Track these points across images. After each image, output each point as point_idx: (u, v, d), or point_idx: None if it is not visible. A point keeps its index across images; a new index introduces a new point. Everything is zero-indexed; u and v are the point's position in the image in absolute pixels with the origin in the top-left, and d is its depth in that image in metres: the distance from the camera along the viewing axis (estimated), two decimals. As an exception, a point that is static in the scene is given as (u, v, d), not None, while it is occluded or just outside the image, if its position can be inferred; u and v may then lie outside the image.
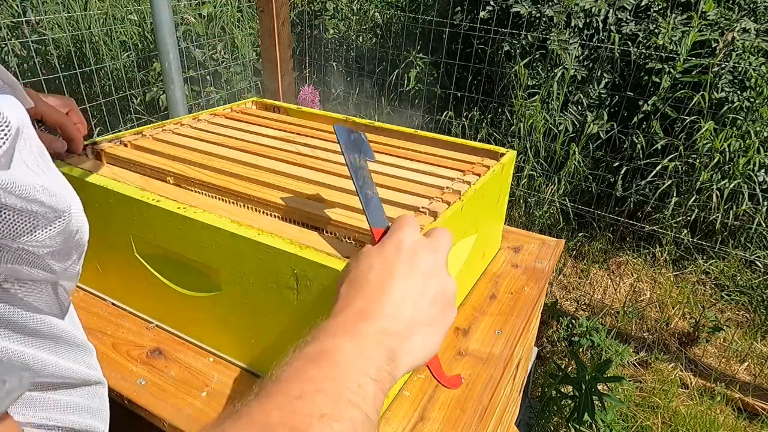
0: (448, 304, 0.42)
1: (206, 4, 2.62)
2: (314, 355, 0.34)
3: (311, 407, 0.30)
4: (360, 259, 0.43)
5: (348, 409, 0.31)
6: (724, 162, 2.15)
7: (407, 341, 0.38)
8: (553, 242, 0.95)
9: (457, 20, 2.62)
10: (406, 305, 0.39)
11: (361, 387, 0.33)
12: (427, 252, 0.43)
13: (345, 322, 0.37)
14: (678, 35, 2.20)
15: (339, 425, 0.30)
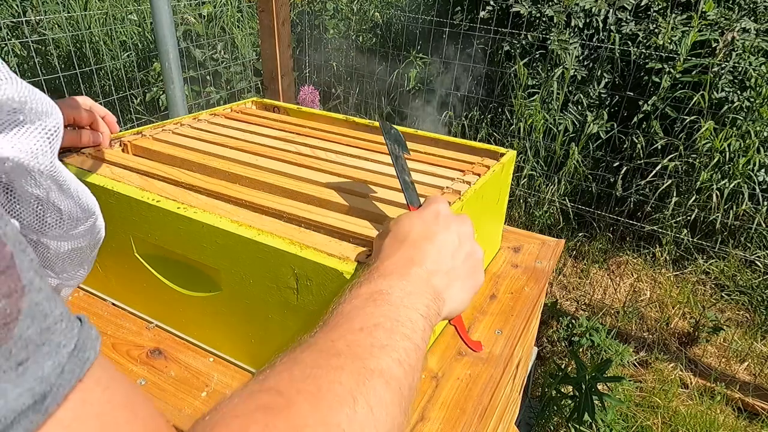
0: (478, 265, 0.48)
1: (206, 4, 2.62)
2: (371, 293, 0.38)
3: (372, 339, 0.34)
4: (401, 221, 0.48)
5: (402, 340, 0.35)
6: (724, 162, 2.15)
7: (449, 287, 0.44)
8: (553, 242, 0.95)
9: (457, 20, 2.62)
10: (446, 257, 0.45)
11: (412, 321, 0.37)
12: (459, 220, 0.49)
13: (396, 265, 0.42)
14: (678, 35, 2.20)
15: (395, 354, 0.34)
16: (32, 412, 0.17)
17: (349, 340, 0.34)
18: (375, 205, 0.64)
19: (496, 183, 0.78)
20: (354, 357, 0.33)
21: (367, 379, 0.32)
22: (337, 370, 0.32)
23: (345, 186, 0.69)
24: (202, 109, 0.93)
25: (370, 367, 0.33)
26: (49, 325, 0.19)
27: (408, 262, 0.43)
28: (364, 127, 0.94)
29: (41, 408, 0.17)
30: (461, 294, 0.45)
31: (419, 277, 0.41)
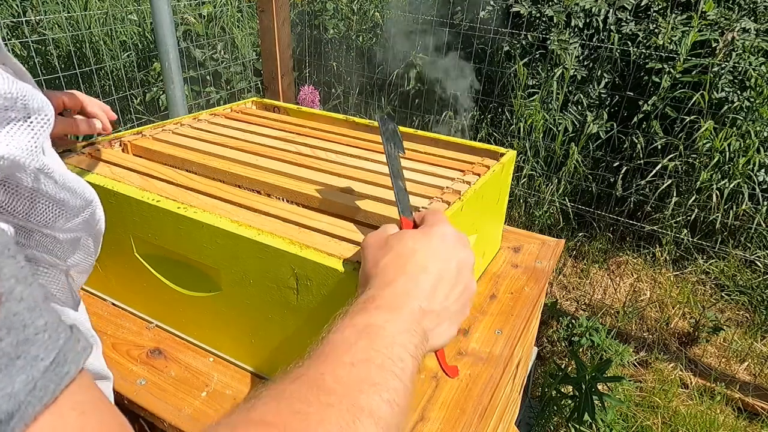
0: (468, 302, 0.46)
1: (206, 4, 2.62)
2: (364, 326, 0.37)
3: (363, 374, 0.33)
4: (405, 239, 0.45)
5: (393, 379, 0.34)
6: (724, 162, 2.15)
7: (438, 325, 0.42)
8: (553, 242, 0.95)
9: (457, 20, 2.62)
10: (442, 292, 0.43)
11: (402, 360, 0.36)
12: (463, 249, 0.46)
13: (393, 297, 0.40)
14: (678, 35, 2.20)
15: (386, 394, 0.33)
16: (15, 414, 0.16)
17: (338, 375, 0.33)
18: (374, 206, 0.64)
19: (496, 183, 0.78)
20: (343, 395, 0.32)
21: (357, 419, 0.31)
22: (327, 408, 0.31)
23: (345, 187, 0.69)
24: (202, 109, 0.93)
25: (360, 404, 0.32)
26: (28, 336, 0.18)
27: (404, 296, 0.41)
28: (364, 127, 0.94)
29: (6, 429, 0.16)
30: (447, 332, 0.44)
31: (413, 315, 0.40)
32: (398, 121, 2.88)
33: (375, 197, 0.66)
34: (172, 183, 0.67)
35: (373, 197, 0.66)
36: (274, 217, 0.60)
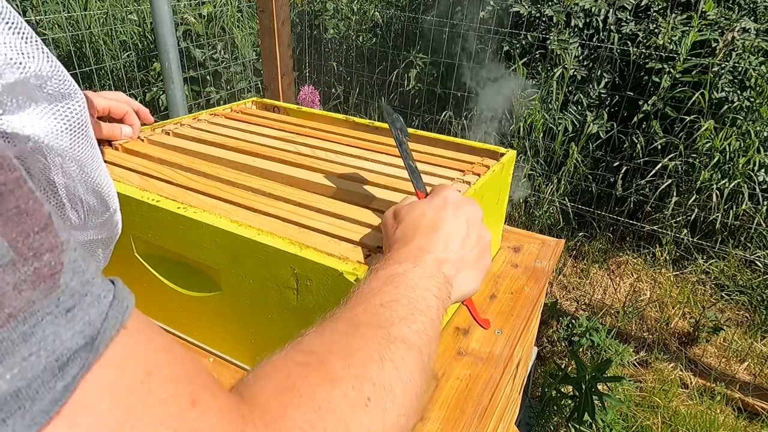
0: (485, 250, 0.50)
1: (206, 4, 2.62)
2: (388, 276, 0.42)
3: (392, 312, 0.38)
4: (413, 208, 0.50)
5: (419, 314, 0.39)
6: (724, 161, 2.15)
7: (459, 272, 0.47)
8: (553, 242, 0.95)
9: (457, 20, 2.62)
10: (455, 244, 0.47)
11: (427, 300, 0.40)
12: (468, 206, 0.51)
13: (409, 253, 0.45)
14: (678, 35, 2.20)
15: (414, 326, 0.37)
16: (84, 351, 0.18)
17: (371, 313, 0.37)
18: (375, 206, 0.64)
19: (496, 183, 0.78)
20: (377, 326, 0.36)
21: (392, 344, 0.35)
22: (364, 335, 0.35)
23: (345, 186, 0.69)
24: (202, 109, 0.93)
25: (393, 334, 0.36)
26: (88, 279, 0.20)
27: (419, 250, 0.45)
28: (364, 127, 0.93)
29: (92, 347, 0.19)
30: (470, 280, 0.48)
31: (430, 263, 0.44)
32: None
33: (376, 198, 0.66)
34: (172, 183, 0.67)
35: (374, 198, 0.66)
36: (274, 217, 0.60)
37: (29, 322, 0.17)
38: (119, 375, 0.19)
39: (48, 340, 0.17)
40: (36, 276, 0.18)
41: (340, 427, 0.28)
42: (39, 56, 0.27)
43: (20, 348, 0.17)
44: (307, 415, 0.27)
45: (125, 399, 0.19)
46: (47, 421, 0.17)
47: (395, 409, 0.32)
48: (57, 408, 0.17)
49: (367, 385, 0.31)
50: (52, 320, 0.18)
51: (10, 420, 0.16)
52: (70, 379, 0.18)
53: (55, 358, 0.17)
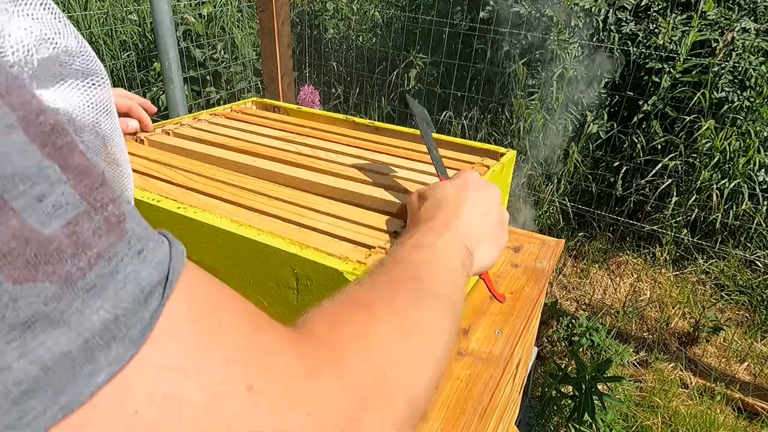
0: (503, 227, 0.55)
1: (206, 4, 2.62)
2: (416, 245, 0.45)
3: (423, 271, 0.41)
4: (436, 189, 0.55)
5: (447, 274, 0.43)
6: (724, 161, 2.15)
7: (477, 247, 0.50)
8: (553, 242, 0.95)
9: (457, 20, 2.62)
10: (475, 221, 0.51)
11: (452, 264, 0.44)
12: (488, 187, 0.55)
13: (433, 227, 0.48)
14: (678, 35, 2.20)
15: (444, 283, 0.41)
16: (160, 286, 0.21)
17: (403, 273, 0.41)
18: (375, 206, 0.64)
19: (496, 183, 0.78)
20: (411, 281, 0.40)
21: (425, 295, 0.38)
22: (401, 287, 0.39)
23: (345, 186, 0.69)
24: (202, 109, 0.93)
25: (426, 288, 0.39)
26: (145, 227, 0.22)
27: (443, 224, 0.49)
28: (364, 127, 0.93)
29: (167, 282, 0.21)
30: (489, 253, 0.52)
31: (453, 236, 0.48)
32: (398, 122, 2.88)
33: (377, 197, 0.66)
34: (172, 183, 0.67)
35: (375, 197, 0.66)
36: (274, 217, 0.60)
37: (113, 261, 0.19)
38: (191, 307, 0.22)
39: (130, 276, 0.19)
40: (107, 223, 0.19)
41: (388, 355, 0.31)
42: (68, 33, 0.28)
43: (111, 283, 0.19)
44: (359, 344, 0.30)
45: (200, 326, 0.22)
46: (142, 343, 0.19)
47: (432, 347, 0.35)
48: (147, 334, 0.19)
49: (408, 324, 0.34)
50: (129, 260, 0.20)
51: (113, 343, 0.18)
52: (153, 309, 0.20)
53: (140, 291, 0.20)
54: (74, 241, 0.18)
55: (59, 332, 0.17)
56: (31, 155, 0.17)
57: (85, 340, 0.18)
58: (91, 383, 0.18)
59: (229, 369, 0.22)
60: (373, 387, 0.29)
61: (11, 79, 0.18)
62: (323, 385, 0.26)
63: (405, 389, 0.31)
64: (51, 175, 0.18)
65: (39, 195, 0.17)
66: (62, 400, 0.17)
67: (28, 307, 0.16)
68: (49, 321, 0.17)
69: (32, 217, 0.17)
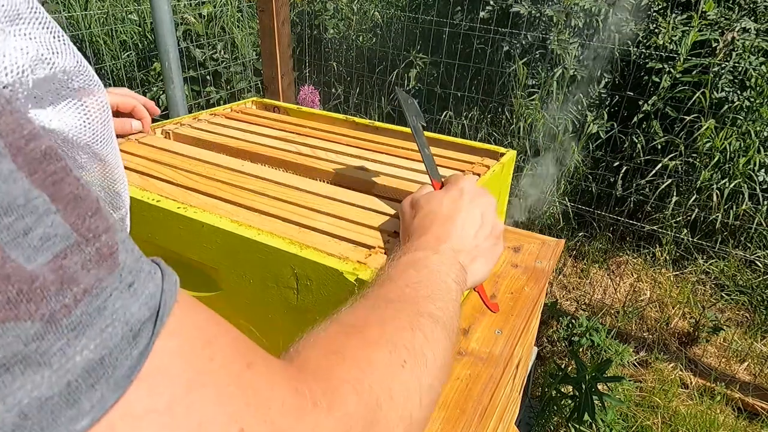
0: (498, 240, 0.54)
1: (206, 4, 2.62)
2: (410, 262, 0.45)
3: (417, 292, 0.41)
4: (430, 200, 0.53)
5: (441, 294, 0.42)
6: (725, 161, 2.15)
7: (473, 261, 0.50)
8: (553, 242, 0.95)
9: (457, 20, 2.62)
10: (469, 236, 0.50)
11: (446, 283, 0.44)
12: (482, 197, 0.54)
13: (427, 243, 0.48)
14: (678, 35, 2.20)
15: (439, 303, 0.41)
16: (150, 322, 0.20)
17: (398, 292, 0.41)
18: (375, 206, 0.64)
19: (496, 183, 0.78)
20: (405, 302, 0.40)
21: (420, 317, 0.38)
22: (395, 309, 0.39)
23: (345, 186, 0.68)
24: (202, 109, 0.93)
25: (420, 310, 0.39)
26: (137, 256, 0.21)
27: (437, 240, 0.48)
28: (364, 127, 0.93)
29: (157, 318, 0.20)
30: (483, 268, 0.51)
31: (447, 252, 0.47)
32: (397, 122, 2.88)
33: (377, 197, 0.66)
34: (172, 183, 0.67)
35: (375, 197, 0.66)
36: (274, 217, 0.60)
37: (101, 297, 0.19)
38: (182, 343, 0.21)
39: (119, 312, 0.19)
40: (98, 255, 0.19)
41: (382, 383, 0.31)
42: (66, 52, 0.28)
43: (98, 320, 0.18)
44: (353, 373, 0.30)
45: (191, 363, 0.21)
46: (128, 385, 0.19)
47: (428, 372, 0.35)
48: (135, 373, 0.19)
49: (402, 350, 0.34)
50: (119, 295, 0.19)
51: (98, 385, 0.18)
52: (142, 347, 0.19)
53: (129, 329, 0.19)
54: (60, 276, 0.17)
55: (40, 375, 0.16)
56: (18, 184, 0.17)
57: (68, 383, 0.17)
58: (73, 429, 0.17)
59: (220, 409, 0.21)
60: (368, 418, 0.28)
61: (4, 103, 0.18)
62: (316, 421, 0.25)
63: (400, 416, 0.31)
64: (39, 205, 0.17)
65: (25, 228, 0.17)
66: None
67: (8, 348, 0.16)
68: (29, 363, 0.16)
69: (16, 251, 0.16)
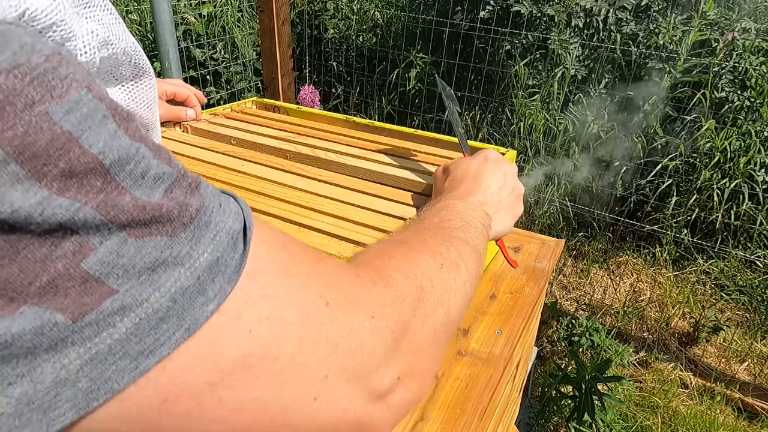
0: (519, 199, 0.61)
1: (206, 4, 2.62)
2: (441, 207, 0.52)
3: (450, 224, 0.48)
4: (459, 164, 0.62)
5: (470, 229, 0.48)
6: (725, 161, 2.15)
7: (497, 212, 0.57)
8: (553, 242, 0.95)
9: (457, 20, 2.62)
10: (494, 192, 0.58)
11: (473, 223, 0.50)
12: (506, 163, 0.62)
13: (456, 195, 0.55)
14: (678, 35, 2.19)
15: (469, 233, 0.47)
16: (242, 233, 0.25)
17: (433, 224, 0.48)
18: (375, 206, 0.64)
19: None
20: (440, 229, 0.46)
21: (454, 239, 0.44)
22: (433, 233, 0.45)
23: (345, 186, 0.69)
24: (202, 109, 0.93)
25: (453, 234, 0.46)
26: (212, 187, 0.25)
27: (465, 193, 0.55)
28: (364, 127, 0.94)
29: (246, 229, 0.25)
30: (505, 220, 0.58)
31: (473, 202, 0.54)
32: (398, 122, 2.88)
33: (375, 196, 0.66)
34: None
35: (373, 196, 0.66)
36: (274, 216, 0.60)
37: (206, 215, 0.23)
38: (268, 247, 0.26)
39: (220, 225, 0.23)
40: (191, 186, 0.23)
41: (425, 275, 0.37)
42: (126, 35, 0.31)
43: (207, 232, 0.23)
44: (401, 264, 0.37)
45: (279, 261, 0.26)
46: (238, 278, 0.23)
47: (460, 277, 0.41)
48: (241, 270, 0.24)
49: (439, 257, 0.40)
50: (216, 212, 0.24)
51: (216, 279, 0.23)
52: (241, 251, 0.24)
53: (230, 237, 0.24)
54: (177, 203, 0.22)
55: (178, 272, 0.21)
56: (123, 139, 0.21)
57: (198, 277, 0.22)
58: (206, 310, 0.22)
59: (308, 291, 0.27)
60: (416, 298, 0.35)
61: (93, 75, 0.21)
62: (378, 295, 0.32)
63: (440, 303, 0.37)
64: (144, 153, 0.21)
65: (142, 172, 0.21)
66: (185, 325, 0.21)
67: (150, 256, 0.21)
68: (168, 265, 0.21)
69: (139, 191, 0.21)
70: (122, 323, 0.20)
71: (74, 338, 0.19)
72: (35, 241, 0.18)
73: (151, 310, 0.21)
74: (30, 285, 0.18)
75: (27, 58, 0.18)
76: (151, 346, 0.21)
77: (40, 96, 0.18)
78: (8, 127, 0.17)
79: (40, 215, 0.18)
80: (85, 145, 0.19)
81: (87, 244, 0.19)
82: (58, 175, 0.18)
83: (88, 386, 0.20)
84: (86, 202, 0.19)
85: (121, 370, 0.20)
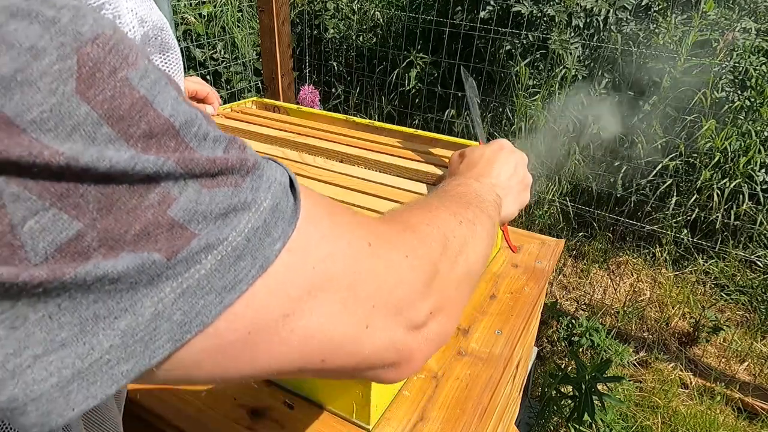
0: (526, 188, 0.67)
1: (206, 4, 2.62)
2: (456, 185, 0.54)
3: (464, 197, 0.50)
4: (474, 150, 0.66)
5: (483, 203, 0.50)
6: (725, 161, 2.15)
7: (506, 196, 0.60)
8: (553, 242, 0.95)
9: (458, 20, 2.62)
10: (504, 178, 0.61)
11: (486, 200, 0.52)
12: (518, 153, 0.67)
13: (470, 176, 0.59)
14: (678, 35, 2.19)
15: (483, 204, 0.50)
16: (289, 186, 0.27)
17: (449, 194, 0.51)
18: (375, 206, 0.64)
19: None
20: (456, 196, 0.50)
21: (469, 204, 0.48)
22: (450, 198, 0.49)
23: (345, 186, 0.69)
24: (202, 109, 0.94)
25: (469, 201, 0.49)
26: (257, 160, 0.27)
27: (479, 175, 0.59)
28: (364, 127, 0.94)
29: (292, 181, 0.27)
30: (512, 206, 0.62)
31: (487, 184, 0.57)
32: (398, 122, 2.88)
33: (375, 196, 0.66)
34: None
35: (373, 196, 0.66)
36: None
37: (260, 168, 0.25)
38: (312, 200, 0.29)
39: (272, 177, 0.26)
40: (242, 146, 0.25)
41: (446, 227, 0.40)
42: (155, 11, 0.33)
43: (264, 183, 0.25)
44: (425, 217, 0.40)
45: (325, 211, 0.29)
46: (296, 221, 0.26)
47: (477, 234, 0.44)
48: (297, 215, 0.26)
49: (458, 215, 0.43)
50: (267, 168, 0.26)
51: (279, 222, 0.25)
52: (293, 199, 0.27)
53: (282, 188, 0.26)
54: (237, 159, 0.24)
55: (247, 215, 0.24)
56: (184, 105, 0.23)
57: (264, 220, 0.24)
58: (274, 249, 0.25)
59: (354, 234, 0.30)
60: (441, 242, 0.38)
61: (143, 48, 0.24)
62: (409, 238, 0.35)
63: (461, 252, 0.40)
64: (201, 116, 0.24)
65: (203, 134, 0.23)
66: (258, 263, 0.24)
67: (222, 203, 0.23)
68: (237, 209, 0.24)
69: (203, 150, 0.23)
70: (207, 260, 0.22)
71: (168, 273, 0.22)
72: (126, 194, 0.20)
73: (230, 248, 0.23)
74: (126, 233, 0.20)
75: (102, 30, 0.20)
76: (232, 281, 0.23)
77: (119, 63, 0.20)
78: (99, 91, 0.19)
79: (133, 169, 0.20)
80: (158, 109, 0.21)
81: (169, 196, 0.22)
82: (141, 136, 0.21)
83: (181, 319, 0.22)
84: (168, 158, 0.21)
85: (209, 305, 0.23)
